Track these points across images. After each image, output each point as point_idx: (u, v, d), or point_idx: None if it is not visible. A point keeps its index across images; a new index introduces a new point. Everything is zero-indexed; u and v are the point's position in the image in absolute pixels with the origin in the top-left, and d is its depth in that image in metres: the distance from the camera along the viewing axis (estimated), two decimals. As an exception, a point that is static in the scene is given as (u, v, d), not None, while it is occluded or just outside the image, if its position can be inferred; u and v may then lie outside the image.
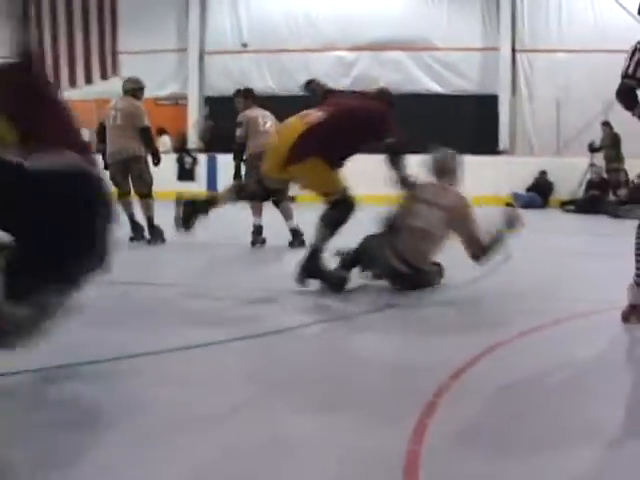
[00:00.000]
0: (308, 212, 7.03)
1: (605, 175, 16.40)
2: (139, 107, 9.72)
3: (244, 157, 9.80)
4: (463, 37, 19.42)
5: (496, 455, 2.92)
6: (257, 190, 6.82)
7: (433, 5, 19.60)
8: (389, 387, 3.86)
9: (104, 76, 13.34)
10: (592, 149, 16.50)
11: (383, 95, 7.12)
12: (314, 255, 6.23)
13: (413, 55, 19.64)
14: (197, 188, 16.94)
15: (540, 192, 17.32)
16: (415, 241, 6.28)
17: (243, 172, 9.71)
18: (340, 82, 19.50)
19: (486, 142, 18.58)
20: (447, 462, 2.81)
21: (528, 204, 16.35)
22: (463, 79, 19.53)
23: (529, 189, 17.59)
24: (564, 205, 16.55)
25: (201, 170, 18.62)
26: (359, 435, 3.07)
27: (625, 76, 5.22)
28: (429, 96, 19.34)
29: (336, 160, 6.42)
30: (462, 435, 3.09)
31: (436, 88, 19.55)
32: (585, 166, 17.09)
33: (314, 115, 6.43)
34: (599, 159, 16.68)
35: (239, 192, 6.76)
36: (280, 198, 9.17)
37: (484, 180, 16.64)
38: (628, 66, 5.22)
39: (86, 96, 15.34)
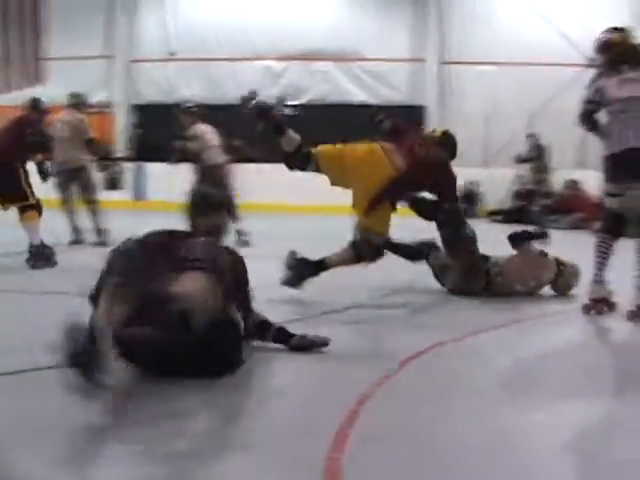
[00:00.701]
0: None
1: (531, 186, 16.62)
2: (83, 120, 10.46)
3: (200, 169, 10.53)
4: (392, 48, 19.54)
5: (418, 460, 2.93)
6: (371, 252, 6.43)
7: (362, 16, 19.64)
8: (312, 394, 3.85)
9: (28, 83, 13.09)
10: (519, 160, 16.74)
11: (448, 141, 6.99)
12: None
13: (342, 66, 19.70)
14: (124, 197, 16.75)
15: (468, 202, 17.49)
16: None
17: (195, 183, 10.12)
18: (268, 92, 19.53)
19: (414, 153, 18.69)
20: (368, 469, 2.81)
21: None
22: (392, 90, 19.63)
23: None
24: (491, 215, 16.76)
25: (129, 179, 18.39)
26: (280, 444, 3.06)
27: (587, 101, 5.93)
28: (358, 107, 19.38)
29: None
30: (384, 441, 3.09)
31: (364, 98, 19.61)
32: (512, 177, 17.32)
33: (398, 160, 6.37)
34: (526, 170, 16.90)
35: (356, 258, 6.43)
36: None
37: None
38: (588, 91, 5.92)
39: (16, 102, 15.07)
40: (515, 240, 6.84)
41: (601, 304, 5.96)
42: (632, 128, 5.68)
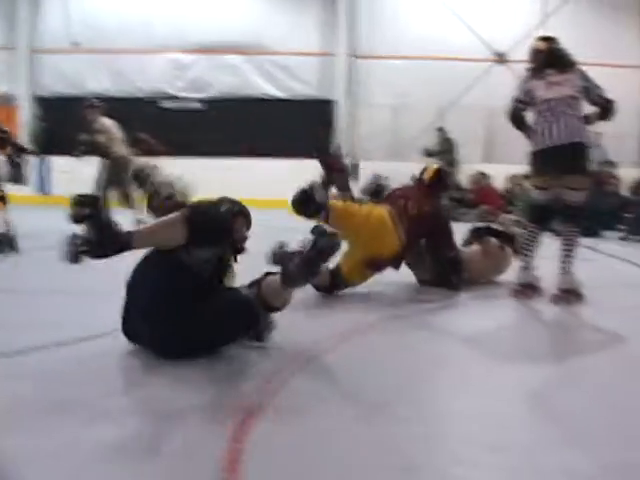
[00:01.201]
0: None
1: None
2: None
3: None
4: (302, 42, 19.47)
5: (315, 453, 2.96)
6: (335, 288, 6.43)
7: (272, 9, 19.53)
8: (216, 387, 3.79)
9: None
10: (427, 154, 16.86)
11: (441, 180, 7.11)
12: None
13: (251, 59, 19.55)
14: (29, 191, 16.35)
15: (377, 196, 17.54)
16: None
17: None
18: (175, 85, 19.33)
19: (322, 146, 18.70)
20: (268, 459, 2.86)
21: (365, 208, 16.58)
22: (301, 84, 19.58)
23: (365, 192, 17.79)
24: (400, 208, 16.78)
25: (32, 173, 17.95)
26: (180, 434, 3.09)
27: (516, 101, 6.47)
28: (267, 100, 19.33)
29: None
30: (284, 434, 3.13)
31: (274, 92, 19.53)
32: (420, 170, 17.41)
33: (401, 230, 6.42)
34: (434, 163, 16.97)
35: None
36: None
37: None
38: (518, 92, 6.46)
39: None
40: (477, 234, 7.18)
41: (528, 289, 6.47)
42: (556, 127, 6.21)
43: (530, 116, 6.48)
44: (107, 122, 11.13)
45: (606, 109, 6.36)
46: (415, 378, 4.08)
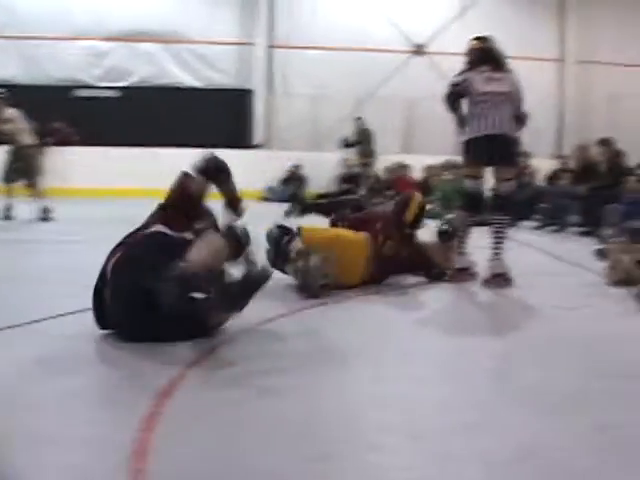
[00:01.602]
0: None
1: (357, 169, 16.80)
2: None
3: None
4: (220, 31, 19.30)
5: (226, 441, 2.94)
6: None
7: (191, -2, 19.32)
8: (125, 375, 3.77)
9: None
10: (345, 144, 16.90)
11: (421, 216, 7.02)
12: None
13: (168, 47, 19.29)
14: None
15: (294, 186, 17.55)
16: None
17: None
18: (91, 73, 18.95)
19: (242, 136, 18.60)
20: (177, 447, 2.82)
21: (284, 198, 16.64)
22: (219, 73, 19.40)
23: (284, 183, 17.83)
24: (318, 199, 16.74)
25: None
26: (90, 424, 3.06)
27: (453, 84, 6.80)
28: (184, 89, 19.10)
29: None
30: (193, 421, 3.12)
31: (191, 81, 19.31)
32: (338, 160, 17.49)
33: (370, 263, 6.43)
34: (351, 154, 17.09)
35: None
36: None
37: (239, 174, 16.62)
38: (456, 79, 6.81)
39: None
40: (444, 237, 7.16)
41: (464, 273, 6.88)
42: (490, 117, 6.57)
43: (464, 106, 6.82)
44: (12, 112, 11.19)
45: (521, 121, 6.86)
46: (335, 363, 4.07)
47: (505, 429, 3.13)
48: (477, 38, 7.09)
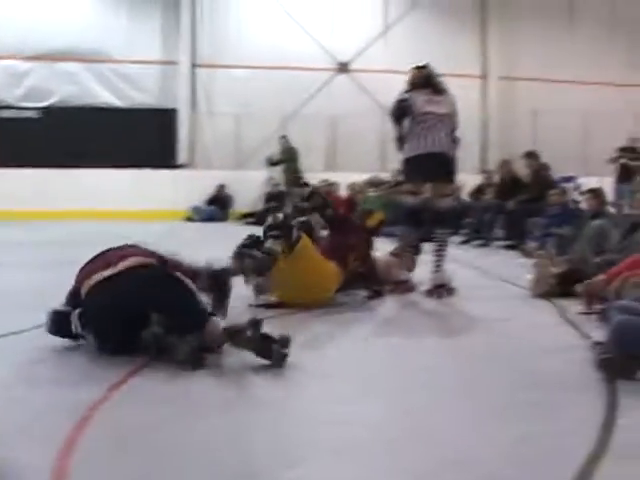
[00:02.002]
0: None
1: (283, 187, 16.77)
2: None
3: None
4: (142, 50, 19.06)
5: (146, 463, 2.89)
6: None
7: (112, 17, 19.01)
8: (44, 401, 3.67)
9: None
10: (270, 163, 16.88)
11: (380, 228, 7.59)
12: None
13: (90, 67, 18.99)
14: None
15: (220, 205, 17.44)
16: None
17: None
18: (12, 93, 18.59)
19: (165, 156, 18.42)
20: (94, 472, 2.80)
21: (209, 218, 16.60)
22: (142, 92, 19.15)
23: (209, 202, 17.71)
24: (245, 217, 16.75)
25: None
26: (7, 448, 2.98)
27: (399, 101, 7.10)
28: (107, 109, 18.80)
29: None
30: (114, 446, 3.06)
31: (114, 101, 19.03)
32: (264, 179, 17.46)
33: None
34: (277, 172, 17.07)
35: None
36: None
37: (163, 194, 16.59)
38: (401, 97, 7.12)
39: None
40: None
41: (407, 285, 7.13)
42: (430, 136, 6.87)
43: (405, 126, 7.11)
44: None
45: (455, 141, 7.20)
46: (262, 380, 4.04)
47: (430, 441, 3.15)
48: (417, 67, 7.40)
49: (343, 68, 19.16)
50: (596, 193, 9.11)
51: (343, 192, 15.83)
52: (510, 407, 3.62)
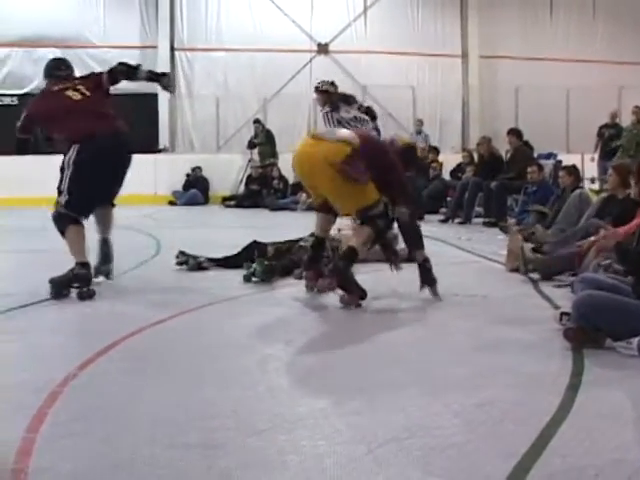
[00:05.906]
0: None
1: (262, 170, 16.78)
2: None
3: None
4: (121, 34, 18.93)
5: (110, 437, 2.92)
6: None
7: (91, 2, 18.93)
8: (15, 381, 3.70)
9: None
10: (251, 145, 16.89)
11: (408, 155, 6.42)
12: None
13: (68, 52, 18.76)
14: None
15: (200, 189, 17.36)
16: None
17: None
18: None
19: (146, 141, 18.33)
20: (60, 447, 2.80)
21: (190, 201, 16.56)
22: (122, 77, 19.04)
23: (184, 187, 17.55)
24: (225, 201, 16.75)
25: None
26: None
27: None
28: (85, 94, 18.70)
29: None
30: (81, 420, 3.09)
31: (93, 86, 18.91)
32: (244, 162, 17.45)
33: None
34: (256, 155, 17.11)
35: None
36: None
37: (145, 179, 16.50)
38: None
39: None
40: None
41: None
42: None
43: None
44: None
45: None
46: (224, 358, 4.09)
47: (393, 409, 3.20)
48: (326, 84, 7.17)
49: (322, 49, 19.10)
50: (570, 170, 9.12)
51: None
52: (477, 375, 3.69)
